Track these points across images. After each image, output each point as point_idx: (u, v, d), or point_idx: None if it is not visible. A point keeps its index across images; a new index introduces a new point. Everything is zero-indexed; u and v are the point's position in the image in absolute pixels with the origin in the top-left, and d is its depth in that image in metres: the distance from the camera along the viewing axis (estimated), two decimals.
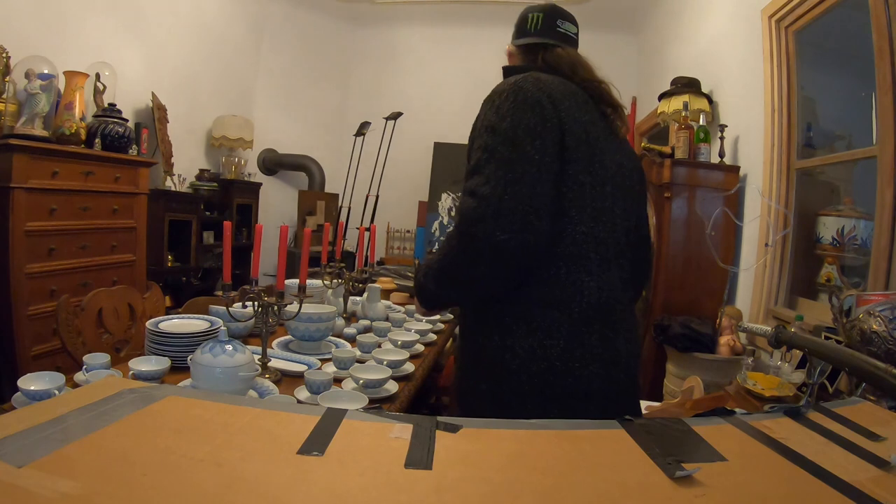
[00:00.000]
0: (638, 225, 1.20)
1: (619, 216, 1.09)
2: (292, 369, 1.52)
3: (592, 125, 1.07)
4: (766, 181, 2.52)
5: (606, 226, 1.06)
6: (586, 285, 1.01)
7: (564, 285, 1.00)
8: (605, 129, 1.12)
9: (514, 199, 0.92)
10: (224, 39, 4.71)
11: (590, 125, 1.06)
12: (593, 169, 1.04)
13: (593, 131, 1.07)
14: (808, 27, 2.41)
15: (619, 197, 1.10)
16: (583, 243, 1.02)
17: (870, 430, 0.61)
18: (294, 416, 0.61)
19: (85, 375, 1.26)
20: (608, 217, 1.06)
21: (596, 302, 1.02)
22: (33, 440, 0.49)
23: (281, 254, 1.44)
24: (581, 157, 1.03)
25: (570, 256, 1.01)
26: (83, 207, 2.92)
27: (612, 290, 1.05)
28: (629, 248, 1.13)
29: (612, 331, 1.04)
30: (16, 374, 1.92)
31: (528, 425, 0.64)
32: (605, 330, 1.03)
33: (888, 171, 1.80)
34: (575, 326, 1.00)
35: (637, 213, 1.19)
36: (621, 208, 1.10)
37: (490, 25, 5.09)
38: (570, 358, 0.99)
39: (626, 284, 1.12)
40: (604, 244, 1.05)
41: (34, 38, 2.91)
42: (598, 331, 1.02)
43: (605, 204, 1.06)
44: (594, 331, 1.01)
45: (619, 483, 0.51)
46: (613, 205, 1.08)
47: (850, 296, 1.49)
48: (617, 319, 1.06)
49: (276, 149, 5.37)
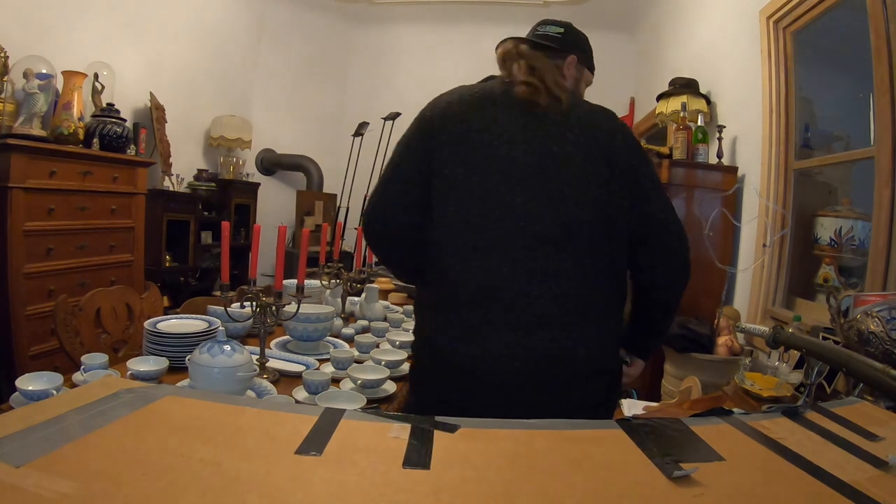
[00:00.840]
0: (603, 217, 1.09)
1: (520, 206, 1.06)
2: (290, 369, 1.52)
3: (487, 123, 1.10)
4: (764, 182, 2.53)
5: (491, 215, 1.07)
6: (452, 269, 1.09)
7: (436, 269, 1.11)
8: (511, 125, 1.10)
9: (378, 198, 1.18)
10: (222, 39, 4.71)
11: (480, 124, 1.10)
12: (473, 164, 1.09)
13: (487, 129, 1.10)
14: (806, 28, 2.42)
15: (520, 188, 1.07)
16: (454, 232, 1.09)
17: (867, 430, 0.61)
18: (292, 416, 0.61)
19: (83, 375, 1.26)
20: (494, 207, 1.07)
21: (463, 286, 1.08)
22: (31, 440, 0.49)
23: (279, 254, 1.43)
24: (457, 156, 1.10)
25: (441, 243, 1.11)
26: (81, 207, 2.91)
27: (494, 278, 1.05)
28: (568, 240, 1.06)
29: (483, 317, 1.06)
30: (14, 374, 1.91)
31: (526, 425, 0.64)
32: (470, 314, 1.07)
33: (886, 171, 1.81)
34: (441, 306, 1.11)
35: (580, 203, 1.08)
36: (527, 198, 1.07)
37: (489, 25, 5.09)
38: (438, 333, 1.10)
39: (538, 275, 1.05)
40: (480, 231, 1.07)
41: (32, 38, 2.90)
42: (464, 314, 1.07)
43: (488, 195, 1.07)
44: (460, 313, 1.08)
45: (617, 483, 0.51)
46: (507, 195, 1.07)
47: (847, 296, 1.49)
48: (495, 307, 1.05)
49: (275, 149, 5.37)
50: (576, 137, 1.10)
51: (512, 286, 1.05)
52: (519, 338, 1.04)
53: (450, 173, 1.10)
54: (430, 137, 1.14)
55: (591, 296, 1.08)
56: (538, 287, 1.05)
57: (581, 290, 1.07)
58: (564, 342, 1.05)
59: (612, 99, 1.18)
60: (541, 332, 1.05)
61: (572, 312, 1.06)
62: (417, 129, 1.16)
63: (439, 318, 1.11)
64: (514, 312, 1.05)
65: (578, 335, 1.06)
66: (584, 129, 1.11)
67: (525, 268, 1.05)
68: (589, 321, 1.08)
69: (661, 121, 3.35)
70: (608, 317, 1.12)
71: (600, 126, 1.13)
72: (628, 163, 1.12)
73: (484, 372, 1.05)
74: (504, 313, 1.05)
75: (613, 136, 1.12)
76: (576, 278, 1.06)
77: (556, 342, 1.05)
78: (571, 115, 1.12)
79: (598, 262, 1.09)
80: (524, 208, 1.06)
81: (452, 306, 1.09)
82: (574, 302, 1.06)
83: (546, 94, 1.11)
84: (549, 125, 1.10)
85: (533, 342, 1.05)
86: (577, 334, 1.06)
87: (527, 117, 1.11)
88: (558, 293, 1.05)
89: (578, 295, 1.07)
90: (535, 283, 1.05)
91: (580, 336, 1.06)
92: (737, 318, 2.47)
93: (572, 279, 1.06)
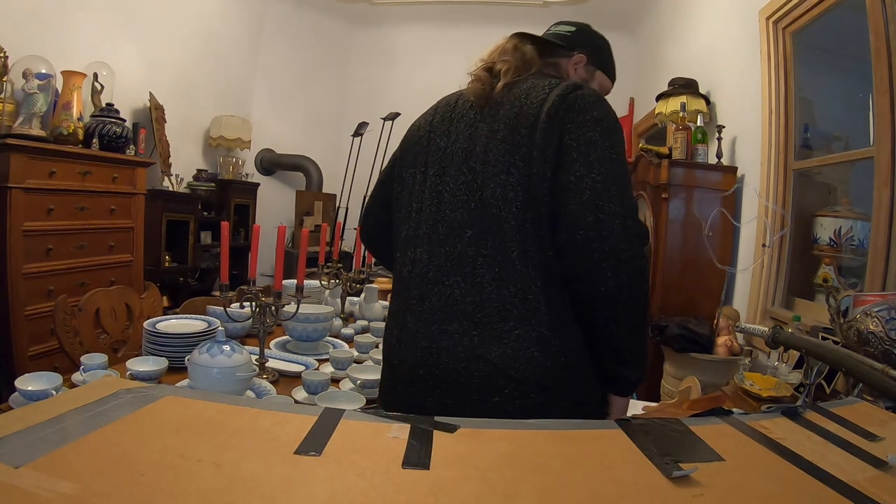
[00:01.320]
0: (522, 196, 0.95)
1: (447, 193, 1.01)
2: (290, 370, 1.52)
3: (445, 126, 1.08)
4: (764, 182, 2.53)
5: (424, 207, 1.05)
6: (396, 262, 1.11)
7: (397, 262, 1.12)
8: (460, 122, 1.06)
9: (368, 199, 1.28)
10: (222, 39, 4.71)
11: (439, 128, 1.08)
12: (420, 164, 1.09)
13: (443, 132, 1.07)
14: (806, 28, 2.42)
15: (448, 177, 1.02)
16: (399, 227, 1.12)
17: (867, 430, 0.61)
18: (292, 416, 0.61)
19: (82, 375, 1.26)
20: (428, 198, 1.04)
21: (397, 276, 1.11)
22: (31, 440, 0.49)
23: (278, 254, 1.43)
24: (412, 159, 1.12)
25: (398, 240, 1.12)
26: (80, 207, 2.91)
27: (414, 266, 1.04)
28: (489, 222, 0.95)
29: (402, 306, 1.05)
30: (13, 375, 1.91)
31: (525, 425, 0.64)
32: (399, 302, 1.07)
33: (885, 172, 1.81)
34: (393, 299, 1.12)
35: (502, 183, 0.95)
36: (455, 186, 1.00)
37: (488, 26, 5.09)
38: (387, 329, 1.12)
39: (456, 262, 0.97)
40: (415, 224, 1.06)
41: (32, 38, 2.90)
42: (397, 303, 1.08)
43: (425, 189, 1.06)
44: (395, 303, 1.09)
45: (616, 483, 0.51)
46: (438, 186, 1.03)
47: (847, 296, 1.49)
48: (415, 296, 1.02)
49: (274, 149, 5.37)
50: (507, 113, 0.98)
51: (426, 274, 1.00)
52: (425, 328, 0.98)
53: (404, 176, 1.13)
54: (402, 144, 1.18)
55: (512, 286, 0.93)
56: (456, 275, 0.96)
57: (502, 279, 0.93)
58: (473, 339, 0.93)
59: (612, 99, 1.15)
60: (450, 325, 0.95)
61: (487, 305, 0.93)
62: (403, 138, 1.20)
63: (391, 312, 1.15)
64: (427, 301, 0.99)
65: (493, 334, 0.92)
66: (519, 102, 0.99)
67: (444, 254, 0.99)
68: (508, 317, 0.92)
69: (660, 121, 3.35)
70: (532, 314, 0.93)
71: (537, 95, 0.98)
72: (558, 126, 0.94)
73: (398, 363, 1.04)
74: (419, 302, 1.01)
75: (546, 101, 0.96)
76: (494, 266, 0.94)
77: (466, 337, 0.93)
78: (512, 91, 1.01)
79: (525, 247, 0.93)
80: (450, 195, 1.01)
81: (392, 297, 1.13)
82: (490, 293, 0.93)
83: (489, 82, 1.04)
84: (488, 109, 1.02)
85: (438, 333, 0.96)
86: (491, 333, 0.93)
87: (476, 110, 1.04)
88: (474, 282, 0.94)
89: (498, 285, 0.93)
90: (453, 270, 0.97)
91: (495, 335, 0.92)
92: (736, 319, 2.47)
93: (491, 266, 0.94)
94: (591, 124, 0.94)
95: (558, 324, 0.94)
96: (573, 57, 1.16)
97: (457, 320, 0.95)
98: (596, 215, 0.90)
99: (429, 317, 0.98)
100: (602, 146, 0.94)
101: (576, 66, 1.16)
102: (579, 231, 0.90)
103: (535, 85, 1.00)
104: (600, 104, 0.98)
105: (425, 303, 0.99)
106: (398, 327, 1.05)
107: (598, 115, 0.96)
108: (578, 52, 1.16)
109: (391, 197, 1.16)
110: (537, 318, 0.93)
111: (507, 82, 1.03)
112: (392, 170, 1.18)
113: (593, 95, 1.00)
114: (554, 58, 1.15)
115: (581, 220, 0.90)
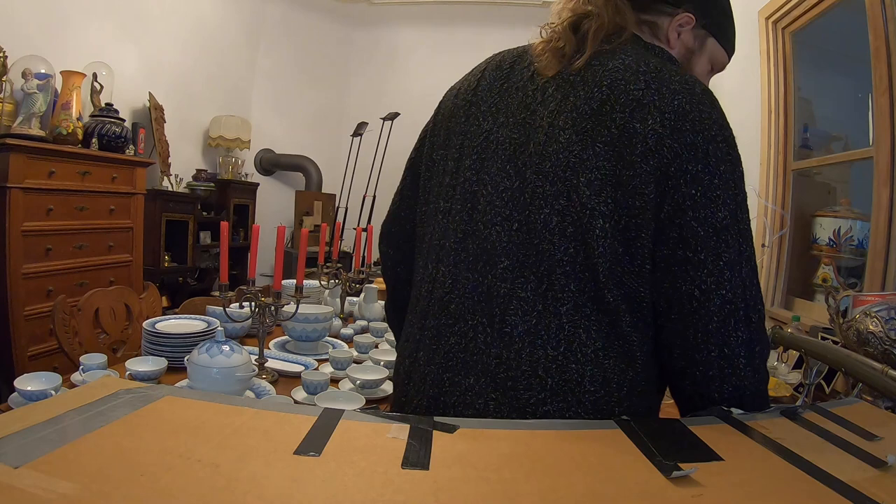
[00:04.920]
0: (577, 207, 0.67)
1: (484, 198, 0.75)
2: (289, 370, 1.52)
3: (484, 93, 0.82)
4: (763, 182, 2.53)
5: (455, 207, 0.79)
6: (419, 269, 0.87)
7: (418, 270, 0.89)
8: (508, 92, 0.79)
9: (394, 203, 0.99)
10: (221, 39, 4.71)
11: (488, 97, 0.81)
12: (449, 145, 0.84)
13: (481, 100, 0.82)
14: (805, 28, 2.42)
15: (490, 176, 0.76)
16: (428, 227, 0.86)
17: (867, 430, 0.61)
18: (291, 416, 0.61)
19: (81, 376, 1.26)
20: (464, 197, 0.78)
21: (420, 294, 0.84)
22: (30, 441, 0.49)
23: (278, 254, 1.43)
24: (440, 136, 0.87)
25: (421, 241, 0.88)
26: (80, 207, 2.91)
27: (443, 292, 0.78)
28: (530, 255, 0.70)
29: (420, 339, 0.81)
30: (12, 375, 1.91)
31: (525, 425, 0.64)
32: (414, 328, 0.84)
33: (884, 172, 1.81)
34: (409, 316, 0.89)
35: (553, 203, 0.69)
36: (493, 188, 0.75)
37: (488, 26, 5.10)
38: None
39: (485, 296, 0.73)
40: (442, 229, 0.81)
41: (31, 38, 2.90)
42: (411, 327, 0.86)
43: (458, 181, 0.80)
44: (410, 325, 0.86)
45: (615, 483, 0.51)
46: (476, 184, 0.77)
47: (846, 296, 1.49)
48: (431, 327, 0.79)
49: (273, 149, 5.37)
50: (584, 105, 0.69)
51: (447, 305, 0.77)
52: (436, 373, 0.77)
53: (434, 158, 0.88)
54: (436, 113, 0.92)
55: (552, 349, 0.68)
56: (482, 316, 0.73)
57: (538, 335, 0.69)
58: (489, 404, 0.71)
59: None
60: (465, 379, 0.74)
61: (515, 366, 0.70)
62: (438, 104, 0.93)
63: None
64: (443, 340, 0.76)
65: (515, 403, 0.70)
66: (603, 92, 0.69)
67: (471, 284, 0.75)
68: (540, 387, 0.69)
69: None
70: (572, 390, 0.68)
71: (627, 90, 0.68)
72: (667, 164, 0.66)
73: (405, 401, 0.83)
74: (433, 339, 0.78)
75: (643, 109, 0.66)
76: (532, 316, 0.69)
77: (480, 399, 0.72)
78: (594, 69, 0.71)
79: (580, 301, 0.68)
80: (486, 202, 0.75)
81: (409, 313, 0.89)
82: (521, 350, 0.70)
83: (572, 44, 0.75)
84: (555, 87, 0.73)
85: (449, 385, 0.75)
86: (512, 402, 0.70)
87: (538, 86, 0.76)
88: (502, 331, 0.71)
89: (532, 342, 0.69)
90: (479, 309, 0.73)
91: (517, 406, 0.69)
92: None
93: (527, 316, 0.70)
94: (718, 181, 0.67)
95: (607, 403, 0.69)
96: (678, 16, 0.81)
97: (474, 374, 0.72)
98: (721, 350, 0.67)
99: (442, 361, 0.76)
100: (733, 231, 0.67)
101: (680, 28, 0.83)
102: (698, 367, 0.68)
103: (627, 66, 0.70)
104: (721, 125, 0.71)
105: (441, 342, 0.77)
106: (410, 359, 0.82)
107: (724, 154, 0.70)
108: (685, 10, 0.81)
109: (420, 184, 0.91)
110: (577, 395, 0.68)
111: (591, 53, 0.73)
112: (422, 147, 0.92)
113: (710, 105, 0.71)
114: (651, 14, 0.81)
115: (702, 357, 0.68)
